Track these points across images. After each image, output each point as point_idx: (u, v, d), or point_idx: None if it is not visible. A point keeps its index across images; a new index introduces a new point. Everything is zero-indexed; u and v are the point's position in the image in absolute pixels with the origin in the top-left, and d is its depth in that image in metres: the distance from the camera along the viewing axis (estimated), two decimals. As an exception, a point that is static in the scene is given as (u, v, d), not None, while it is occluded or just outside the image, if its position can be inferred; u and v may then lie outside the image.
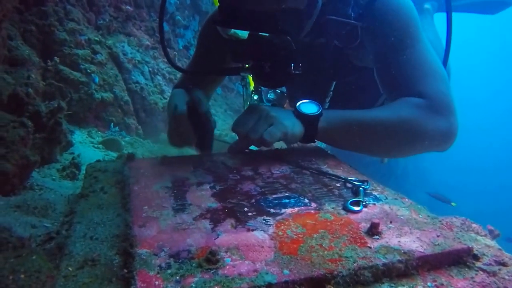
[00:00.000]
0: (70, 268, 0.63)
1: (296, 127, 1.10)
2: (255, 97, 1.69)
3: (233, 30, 1.13)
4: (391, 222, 0.78)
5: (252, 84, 1.73)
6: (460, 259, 0.70)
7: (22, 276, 0.56)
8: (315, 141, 1.16)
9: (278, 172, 1.04)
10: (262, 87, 1.67)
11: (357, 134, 1.15)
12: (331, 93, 1.39)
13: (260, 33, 1.09)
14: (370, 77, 1.35)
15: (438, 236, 0.73)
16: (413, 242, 0.70)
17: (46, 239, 0.80)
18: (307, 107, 1.14)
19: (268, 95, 1.75)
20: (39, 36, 2.55)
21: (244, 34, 1.10)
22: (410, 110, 1.15)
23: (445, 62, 1.35)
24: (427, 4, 3.06)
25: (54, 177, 1.57)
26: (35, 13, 2.57)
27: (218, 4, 1.06)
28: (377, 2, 1.21)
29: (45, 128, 1.59)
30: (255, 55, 1.12)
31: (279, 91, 1.69)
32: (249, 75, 1.34)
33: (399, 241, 0.71)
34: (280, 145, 1.19)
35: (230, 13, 1.04)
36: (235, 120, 1.14)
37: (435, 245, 0.70)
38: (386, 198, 0.90)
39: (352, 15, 1.22)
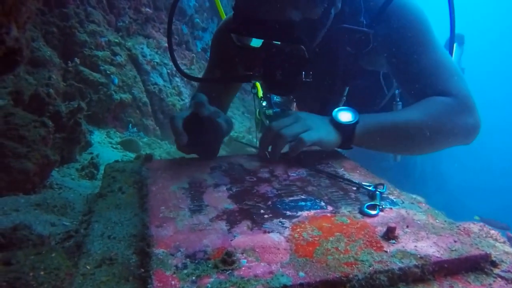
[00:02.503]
0: (88, 267, 0.64)
1: (331, 135, 1.13)
2: (264, 103, 1.70)
3: (247, 38, 1.14)
4: (407, 226, 0.77)
5: (260, 91, 1.75)
6: (477, 265, 0.69)
7: (42, 273, 0.57)
8: (352, 147, 1.19)
9: (294, 174, 1.04)
10: (271, 94, 1.69)
11: (392, 137, 1.21)
12: (344, 98, 1.39)
13: (273, 42, 1.10)
14: (375, 79, 1.41)
15: (455, 241, 0.72)
16: (429, 247, 0.69)
17: (65, 238, 0.82)
18: (344, 114, 1.17)
19: (275, 97, 1.76)
20: (60, 38, 2.62)
21: (258, 42, 1.12)
22: (440, 109, 1.20)
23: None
24: None
25: (73, 177, 1.61)
26: (57, 15, 2.64)
27: (234, 12, 1.08)
28: (388, 9, 1.23)
29: (65, 128, 1.62)
30: (267, 62, 1.13)
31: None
32: (257, 82, 1.35)
33: (415, 246, 0.70)
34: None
35: (245, 21, 1.07)
36: (272, 121, 1.17)
37: (452, 250, 0.69)
38: (403, 202, 0.89)
39: (364, 22, 1.25)
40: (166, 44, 3.56)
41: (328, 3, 1.11)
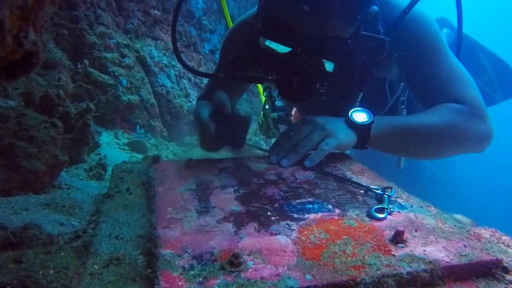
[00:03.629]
0: (96, 266, 0.64)
1: (349, 137, 1.15)
2: (267, 106, 1.70)
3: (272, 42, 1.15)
4: (416, 230, 0.76)
5: (263, 94, 1.75)
6: (488, 271, 0.67)
7: (51, 271, 0.58)
8: (367, 147, 1.21)
9: (301, 177, 1.04)
10: (275, 97, 1.69)
11: (406, 138, 1.23)
12: (357, 103, 1.40)
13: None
14: (381, 86, 1.47)
15: (465, 246, 0.71)
16: (439, 252, 0.69)
17: (73, 237, 0.83)
18: (359, 115, 1.19)
19: (276, 102, 1.77)
20: (70, 40, 2.65)
21: (284, 49, 1.13)
22: (454, 115, 1.22)
23: None
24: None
25: (81, 177, 1.62)
26: (67, 17, 2.67)
27: (262, 15, 1.10)
28: (405, 19, 1.25)
29: (74, 129, 1.64)
30: (287, 68, 1.14)
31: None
32: (259, 85, 1.37)
33: (424, 250, 0.69)
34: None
35: (280, 29, 1.09)
36: (288, 127, 1.20)
37: (462, 255, 0.68)
38: (411, 206, 0.88)
39: (381, 30, 1.27)
40: (174, 46, 3.58)
41: (360, 23, 1.14)
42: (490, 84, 2.43)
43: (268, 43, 1.15)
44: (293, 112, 2.04)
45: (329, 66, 1.16)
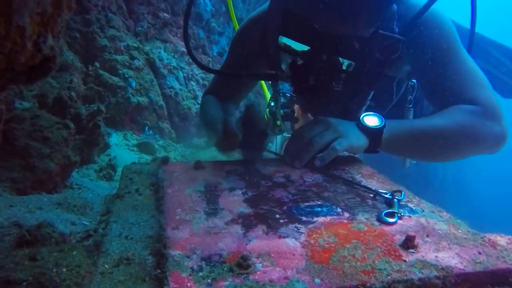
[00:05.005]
0: (106, 266, 0.65)
1: (360, 141, 1.15)
2: (272, 103, 1.69)
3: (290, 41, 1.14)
4: (427, 236, 0.75)
5: (267, 92, 1.74)
6: (505, 280, 0.66)
7: (64, 269, 0.59)
8: (379, 152, 1.21)
9: (310, 180, 1.03)
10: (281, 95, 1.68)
11: (418, 142, 1.22)
12: (368, 102, 1.39)
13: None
14: (389, 84, 1.47)
15: (479, 253, 0.69)
16: (451, 258, 0.67)
17: (85, 236, 0.84)
18: (370, 119, 1.18)
19: (282, 99, 1.75)
20: (82, 43, 2.69)
21: (303, 47, 1.12)
22: (467, 117, 1.20)
23: None
24: None
25: (91, 177, 1.64)
26: (80, 21, 2.71)
27: (283, 12, 1.10)
28: (421, 18, 1.24)
29: (85, 130, 1.66)
30: (305, 66, 1.14)
31: (289, 95, 1.69)
32: (262, 83, 1.37)
33: (436, 256, 0.68)
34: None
35: (296, 26, 1.08)
36: (300, 127, 1.19)
37: (477, 262, 0.66)
38: (423, 210, 0.87)
39: (397, 29, 1.26)
40: (183, 49, 3.60)
41: (381, 23, 1.14)
42: (510, 74, 2.38)
43: (286, 40, 1.14)
44: (295, 108, 2.03)
45: (347, 65, 1.15)
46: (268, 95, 1.77)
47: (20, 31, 0.50)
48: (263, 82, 2.28)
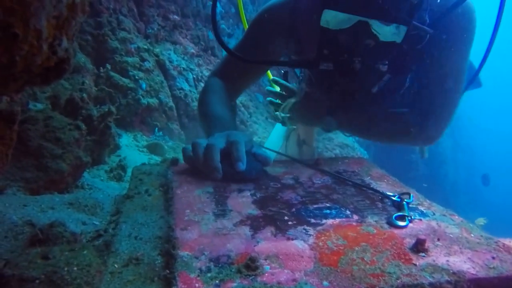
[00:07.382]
0: (116, 265, 0.66)
1: None
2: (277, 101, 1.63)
3: (335, 18, 1.06)
4: (438, 239, 0.74)
5: (274, 85, 1.65)
6: (519, 285, 0.64)
7: (75, 268, 0.60)
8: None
9: (319, 182, 1.03)
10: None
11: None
12: (377, 87, 1.37)
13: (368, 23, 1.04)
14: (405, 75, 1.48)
15: (493, 258, 0.68)
16: (463, 263, 0.66)
17: (95, 236, 0.85)
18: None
19: (280, 90, 1.66)
20: (93, 45, 2.73)
21: (346, 23, 1.06)
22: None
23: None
24: None
25: (102, 178, 1.66)
26: (91, 23, 2.75)
27: None
28: (452, 13, 1.21)
29: (96, 131, 1.68)
30: (351, 47, 1.08)
31: (290, 86, 1.57)
32: (269, 72, 1.34)
33: (447, 260, 0.67)
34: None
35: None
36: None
37: (490, 268, 0.65)
38: (434, 214, 0.86)
39: (427, 21, 1.21)
40: (193, 50, 3.63)
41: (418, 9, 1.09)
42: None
43: (327, 16, 1.06)
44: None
45: (392, 43, 1.08)
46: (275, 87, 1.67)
47: (37, 34, 0.51)
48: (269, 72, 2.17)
